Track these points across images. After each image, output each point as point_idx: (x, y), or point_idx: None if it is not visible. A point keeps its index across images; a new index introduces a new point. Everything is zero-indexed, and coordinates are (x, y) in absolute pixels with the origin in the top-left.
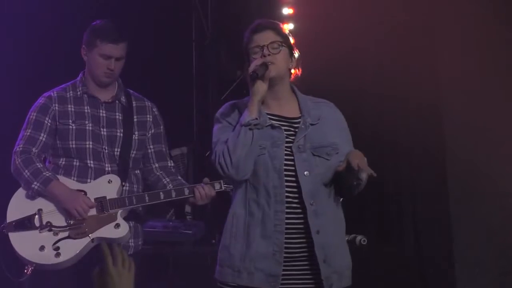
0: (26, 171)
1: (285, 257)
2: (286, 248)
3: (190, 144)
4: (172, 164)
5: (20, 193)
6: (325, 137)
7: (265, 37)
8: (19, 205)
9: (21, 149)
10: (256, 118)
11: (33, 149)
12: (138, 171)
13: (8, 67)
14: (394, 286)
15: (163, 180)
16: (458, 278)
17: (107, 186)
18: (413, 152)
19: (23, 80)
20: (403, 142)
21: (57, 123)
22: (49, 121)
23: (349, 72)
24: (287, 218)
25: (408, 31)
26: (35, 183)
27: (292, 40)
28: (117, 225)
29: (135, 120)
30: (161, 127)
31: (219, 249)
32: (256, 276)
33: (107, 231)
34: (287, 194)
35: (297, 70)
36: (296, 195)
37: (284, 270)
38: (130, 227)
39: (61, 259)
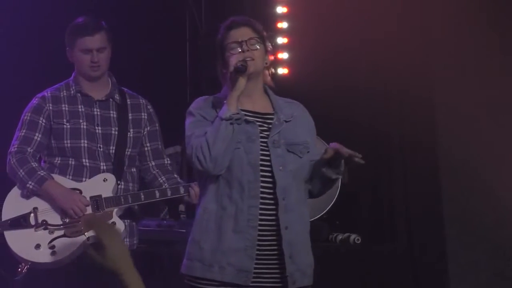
0: (21, 170)
1: (256, 254)
2: (258, 244)
3: (184, 142)
4: (169, 162)
5: (15, 192)
6: (298, 135)
7: (243, 33)
8: (14, 204)
9: (16, 149)
10: (238, 113)
11: (28, 149)
12: (134, 169)
13: (2, 68)
14: (387, 286)
15: (159, 178)
16: (451, 278)
17: (102, 185)
18: (406, 151)
19: (18, 81)
20: (395, 141)
21: (52, 122)
22: (44, 121)
23: (343, 69)
24: (260, 214)
25: (402, 27)
26: (30, 182)
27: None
28: (113, 224)
29: (130, 117)
30: (156, 124)
31: (188, 243)
32: (227, 270)
33: None
34: (261, 189)
35: (272, 69)
36: (271, 190)
37: (254, 267)
38: (125, 225)
39: (57, 257)
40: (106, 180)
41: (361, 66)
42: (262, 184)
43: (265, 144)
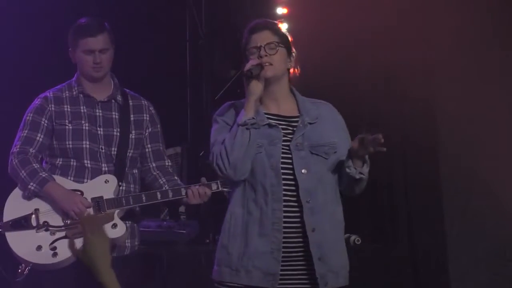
0: (23, 171)
1: (282, 256)
2: (283, 247)
3: (184, 143)
4: (170, 163)
5: (17, 193)
6: (323, 136)
7: (262, 38)
8: (16, 205)
9: (18, 149)
10: (253, 118)
11: (30, 150)
12: (136, 171)
13: (4, 69)
14: (387, 287)
15: (159, 180)
16: (452, 278)
17: (103, 186)
18: (406, 151)
19: (20, 82)
20: (396, 141)
21: (54, 123)
22: (46, 121)
23: (342, 70)
24: (284, 217)
25: (403, 28)
26: (31, 183)
27: (290, 39)
28: (114, 225)
29: (132, 119)
30: (158, 126)
31: (217, 249)
32: (254, 274)
33: None
34: (284, 192)
35: (296, 69)
36: (294, 193)
37: (281, 269)
38: (127, 227)
39: (58, 259)
40: (108, 181)
41: (361, 66)
42: (284, 187)
43: (287, 148)
